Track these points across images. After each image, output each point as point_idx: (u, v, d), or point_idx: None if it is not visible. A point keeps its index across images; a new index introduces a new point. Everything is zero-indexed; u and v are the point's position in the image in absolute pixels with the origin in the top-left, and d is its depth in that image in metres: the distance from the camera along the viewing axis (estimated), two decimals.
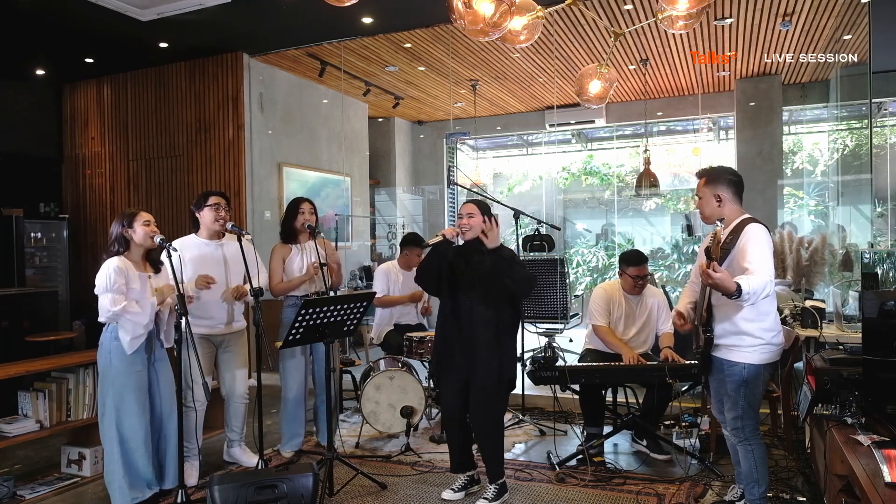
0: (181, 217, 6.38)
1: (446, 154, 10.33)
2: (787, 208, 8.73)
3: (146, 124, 6.81)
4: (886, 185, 7.54)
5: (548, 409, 4.81)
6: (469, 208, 3.25)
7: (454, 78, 7.47)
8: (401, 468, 3.78)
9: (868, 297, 2.93)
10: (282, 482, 2.84)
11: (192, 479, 3.49)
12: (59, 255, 7.07)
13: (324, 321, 3.34)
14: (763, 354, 2.79)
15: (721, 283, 2.47)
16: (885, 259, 5.60)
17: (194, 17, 5.33)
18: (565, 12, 5.42)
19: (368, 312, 3.69)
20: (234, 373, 3.78)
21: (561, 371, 3.66)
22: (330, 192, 7.75)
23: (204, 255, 3.64)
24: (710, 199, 2.86)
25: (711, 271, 2.46)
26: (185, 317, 3.00)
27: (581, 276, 10.77)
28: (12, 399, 3.55)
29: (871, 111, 6.37)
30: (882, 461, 2.19)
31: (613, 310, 4.03)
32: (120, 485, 3.13)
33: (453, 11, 2.47)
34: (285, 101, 7.00)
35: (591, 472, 3.60)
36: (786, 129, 8.97)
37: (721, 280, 2.47)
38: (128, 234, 3.17)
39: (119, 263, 3.10)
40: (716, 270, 2.46)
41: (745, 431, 2.85)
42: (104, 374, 3.17)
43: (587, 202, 11.95)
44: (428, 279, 3.34)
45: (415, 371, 4.38)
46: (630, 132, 10.68)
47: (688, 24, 2.92)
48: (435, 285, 3.35)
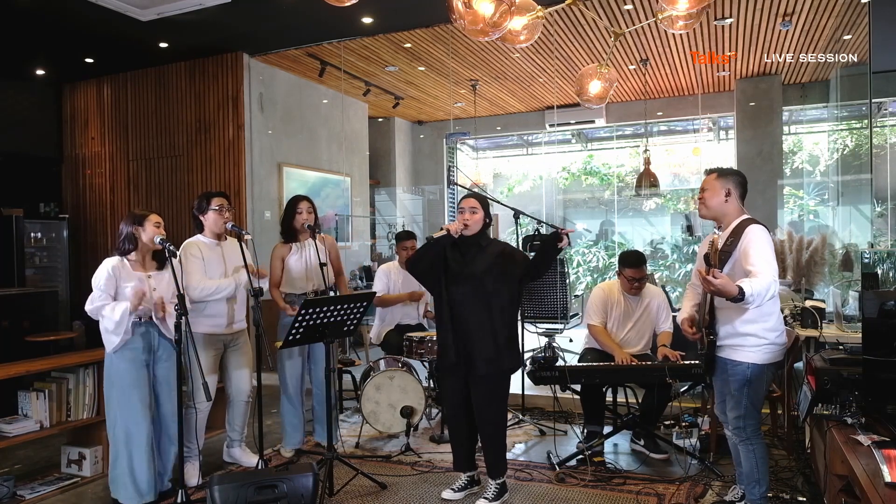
0: (181, 217, 6.38)
1: (446, 154, 10.33)
2: (787, 208, 8.73)
3: (146, 124, 6.81)
4: (886, 185, 7.55)
5: (548, 409, 4.81)
6: (471, 203, 3.24)
7: (454, 78, 7.47)
8: (401, 468, 3.78)
9: (868, 297, 2.92)
10: (282, 482, 2.84)
11: (192, 479, 3.49)
12: (59, 255, 7.07)
13: (324, 321, 3.34)
14: (767, 354, 2.79)
15: (722, 288, 2.47)
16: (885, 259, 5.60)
17: (194, 17, 5.33)
18: (565, 12, 5.42)
19: (368, 312, 3.69)
20: (239, 372, 3.78)
21: (561, 371, 3.66)
22: (330, 192, 7.75)
23: (207, 256, 3.63)
24: (718, 192, 2.86)
25: (711, 278, 2.46)
26: (184, 317, 3.00)
27: (581, 276, 10.77)
28: (12, 399, 3.55)
29: (871, 111, 6.38)
30: (882, 461, 2.19)
31: (611, 310, 4.03)
32: (125, 484, 3.14)
33: (453, 11, 2.48)
34: (285, 101, 7.00)
35: (591, 472, 3.60)
36: (786, 129, 8.97)
37: (722, 286, 2.46)
38: (137, 234, 3.19)
39: (116, 264, 3.14)
40: (716, 277, 2.46)
41: (748, 431, 2.86)
42: (108, 373, 3.18)
43: (587, 202, 11.95)
44: (421, 269, 3.28)
45: (415, 371, 4.38)
46: (630, 132, 10.68)
47: (688, 24, 2.92)
48: (428, 275, 3.27)
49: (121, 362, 3.15)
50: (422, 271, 3.30)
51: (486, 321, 3.16)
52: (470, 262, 3.21)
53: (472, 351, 3.16)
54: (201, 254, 3.59)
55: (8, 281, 6.41)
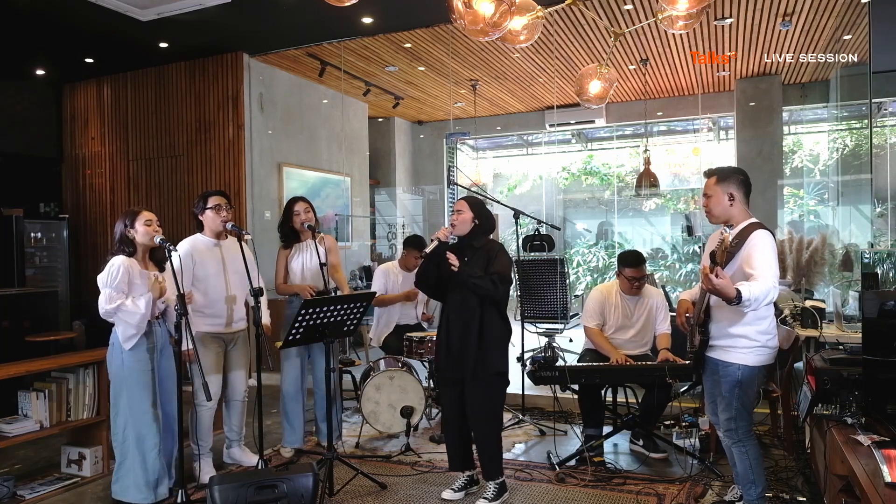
0: (181, 217, 6.38)
1: (446, 154, 10.33)
2: (787, 208, 8.73)
3: (146, 124, 6.81)
4: (886, 185, 7.55)
5: (548, 409, 4.81)
6: (459, 205, 3.31)
7: (454, 78, 7.47)
8: (401, 468, 3.78)
9: (868, 297, 2.93)
10: (282, 482, 2.84)
11: (206, 476, 3.47)
12: (59, 255, 7.07)
13: (324, 321, 3.34)
14: (758, 356, 2.79)
15: (722, 289, 2.46)
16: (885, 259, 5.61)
17: (194, 17, 5.33)
18: (565, 12, 5.42)
19: (368, 312, 3.69)
20: (234, 372, 3.78)
21: (561, 371, 3.66)
22: (330, 192, 7.75)
23: (203, 259, 3.63)
24: (721, 198, 2.83)
25: (713, 276, 2.45)
26: (185, 317, 3.00)
27: (581, 276, 10.77)
28: (12, 399, 3.55)
29: (871, 111, 6.38)
30: (882, 461, 2.19)
31: (609, 311, 4.03)
32: (137, 483, 3.15)
33: (453, 11, 2.48)
34: (285, 101, 7.00)
35: (591, 472, 3.60)
36: (786, 129, 8.97)
37: (722, 286, 2.45)
38: (130, 234, 3.18)
39: (124, 261, 3.12)
40: (718, 276, 2.45)
41: (739, 433, 2.85)
42: (117, 375, 3.18)
43: (587, 202, 11.95)
44: (427, 284, 3.38)
45: (415, 371, 4.38)
46: (630, 132, 10.69)
47: (688, 24, 2.92)
48: (434, 288, 3.38)
49: (131, 363, 3.15)
50: (429, 285, 3.37)
51: (475, 321, 3.18)
52: (463, 264, 3.23)
53: (463, 351, 3.18)
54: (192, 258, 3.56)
55: (8, 281, 6.41)
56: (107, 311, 3.08)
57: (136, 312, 3.06)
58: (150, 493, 3.17)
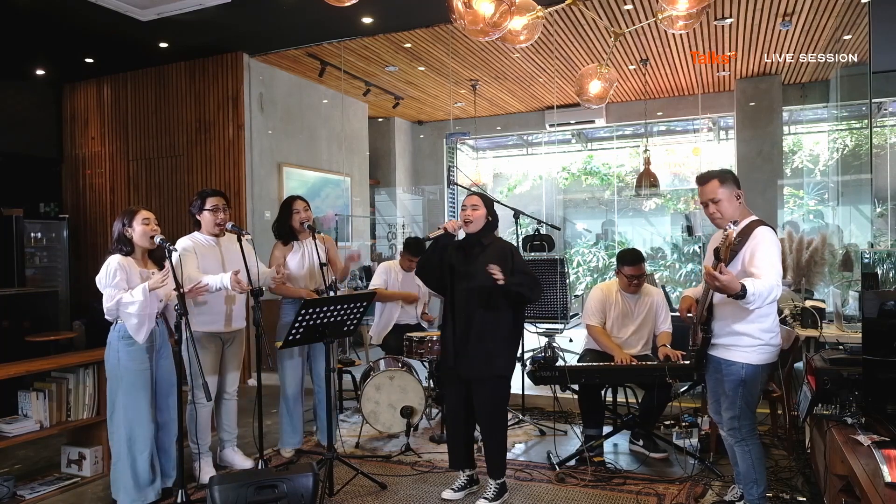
0: (181, 217, 6.38)
1: (446, 154, 10.33)
2: (787, 208, 8.73)
3: (146, 124, 6.81)
4: (886, 185, 7.55)
5: (548, 409, 4.81)
6: (473, 200, 3.27)
7: (454, 78, 7.47)
8: (401, 468, 3.78)
9: (868, 297, 2.93)
10: (282, 482, 2.84)
11: (206, 475, 3.47)
12: (59, 255, 7.07)
13: (324, 321, 3.34)
14: (761, 355, 2.79)
15: (726, 286, 2.46)
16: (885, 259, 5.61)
17: (194, 17, 5.33)
18: (565, 12, 5.42)
19: (368, 312, 3.69)
20: (230, 371, 3.78)
21: (561, 371, 3.65)
22: (330, 192, 7.75)
23: (204, 254, 3.63)
24: (731, 199, 2.81)
25: (718, 273, 2.45)
26: (184, 317, 2.99)
27: (581, 276, 10.77)
28: (12, 399, 3.55)
29: (871, 111, 6.38)
30: (882, 461, 2.19)
31: (610, 310, 4.03)
32: (126, 485, 3.14)
33: (453, 11, 2.48)
34: (285, 101, 7.00)
35: (591, 472, 3.60)
36: (786, 129, 8.97)
37: (726, 283, 2.45)
38: (128, 234, 3.17)
39: (120, 260, 3.11)
40: (722, 273, 2.45)
41: (742, 431, 2.85)
42: (113, 374, 3.17)
43: (587, 202, 11.95)
44: (429, 273, 3.34)
45: (415, 371, 4.38)
46: (630, 132, 10.68)
47: (688, 24, 2.92)
48: (437, 280, 3.34)
49: (127, 362, 3.14)
50: (430, 274, 3.34)
51: (484, 320, 3.16)
52: (472, 260, 3.22)
53: (469, 350, 3.17)
54: (195, 251, 3.57)
55: (8, 281, 6.41)
56: (109, 309, 3.09)
57: (135, 301, 3.03)
58: (139, 495, 3.15)
